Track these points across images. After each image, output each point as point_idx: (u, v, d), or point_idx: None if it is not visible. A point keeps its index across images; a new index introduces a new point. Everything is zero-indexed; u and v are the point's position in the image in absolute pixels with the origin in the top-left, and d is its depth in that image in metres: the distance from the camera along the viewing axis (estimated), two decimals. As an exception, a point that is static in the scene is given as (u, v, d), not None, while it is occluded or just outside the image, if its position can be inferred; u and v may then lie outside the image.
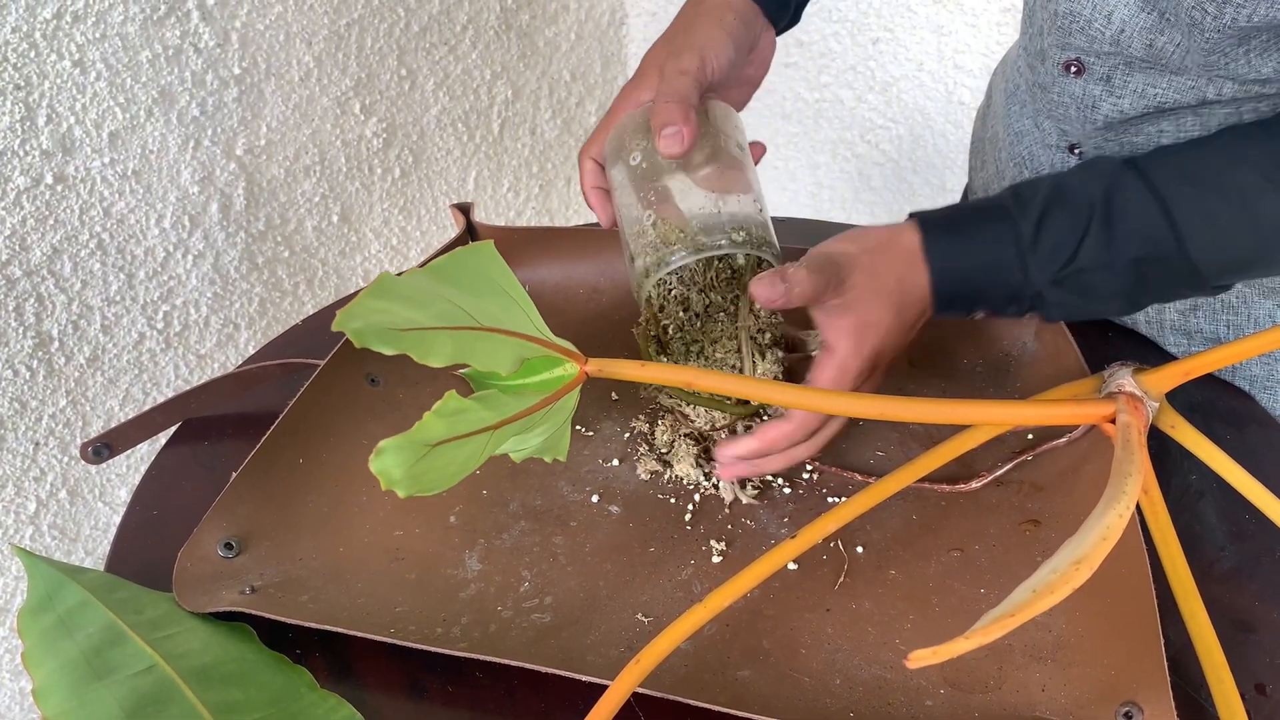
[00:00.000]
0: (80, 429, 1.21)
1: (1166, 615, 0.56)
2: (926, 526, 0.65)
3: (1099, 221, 0.63)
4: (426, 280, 0.46)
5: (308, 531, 0.64)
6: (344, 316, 0.42)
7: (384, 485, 0.44)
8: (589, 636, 0.58)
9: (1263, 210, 0.62)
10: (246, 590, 0.59)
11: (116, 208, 1.15)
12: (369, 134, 1.39)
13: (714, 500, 0.67)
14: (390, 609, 0.59)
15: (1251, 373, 0.79)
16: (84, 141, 1.10)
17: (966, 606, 0.61)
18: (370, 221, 1.44)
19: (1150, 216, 0.63)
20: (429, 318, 0.45)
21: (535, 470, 0.69)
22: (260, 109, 1.25)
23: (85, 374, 1.18)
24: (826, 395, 0.60)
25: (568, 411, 0.55)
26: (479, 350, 0.47)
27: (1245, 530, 0.66)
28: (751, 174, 0.68)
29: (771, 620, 0.60)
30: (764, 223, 0.66)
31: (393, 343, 0.43)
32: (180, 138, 1.18)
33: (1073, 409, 0.63)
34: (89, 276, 1.15)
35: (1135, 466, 0.55)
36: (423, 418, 0.44)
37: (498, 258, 0.51)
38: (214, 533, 0.62)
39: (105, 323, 1.18)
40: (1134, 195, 0.63)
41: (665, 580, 0.62)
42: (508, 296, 0.50)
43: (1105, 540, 0.49)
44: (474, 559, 0.63)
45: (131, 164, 1.15)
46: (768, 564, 0.57)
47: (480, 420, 0.46)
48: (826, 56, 1.54)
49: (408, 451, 0.44)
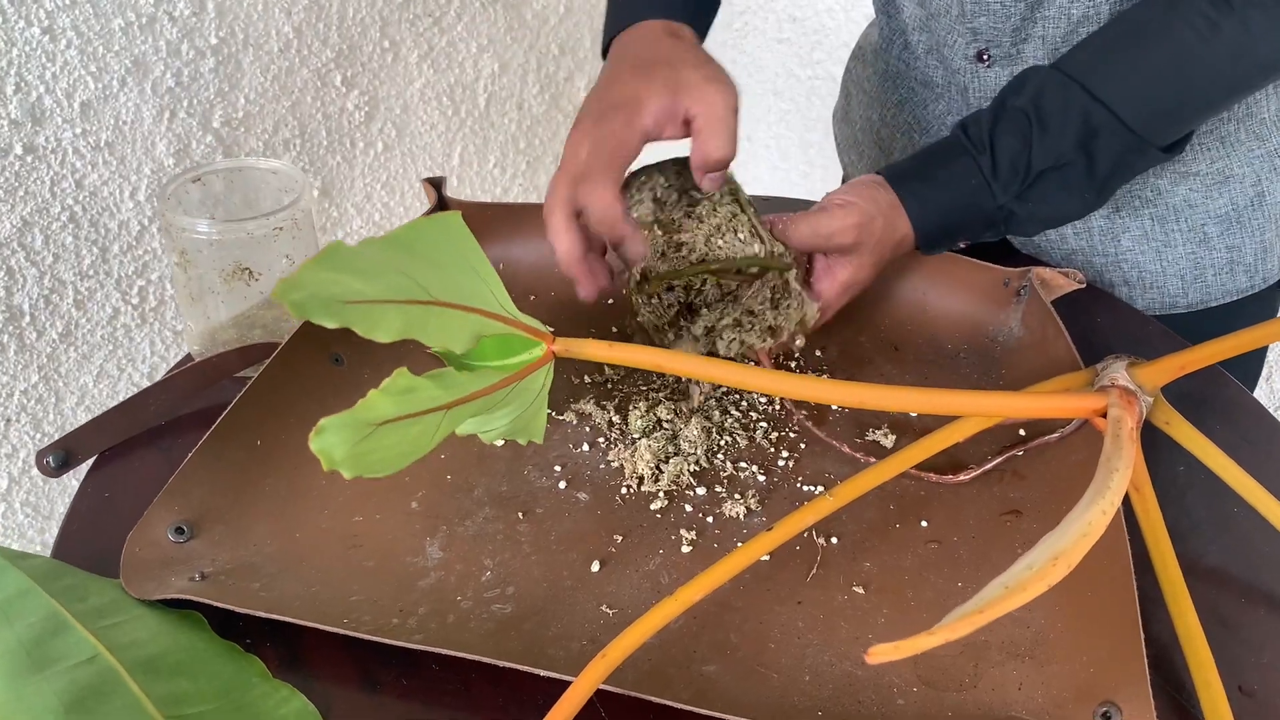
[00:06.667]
0: (54, 405, 1.19)
1: (1149, 612, 0.54)
2: (904, 517, 0.63)
3: (1036, 124, 0.70)
4: (382, 251, 0.44)
5: (264, 516, 0.62)
6: (284, 286, 0.39)
7: (325, 465, 0.42)
8: (551, 629, 0.56)
9: (1184, 54, 0.68)
10: (196, 577, 0.57)
11: (89, 179, 1.13)
12: (350, 107, 1.36)
13: (685, 489, 0.65)
14: (345, 598, 0.57)
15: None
16: (54, 111, 1.07)
17: (943, 600, 0.59)
18: (352, 196, 1.41)
19: (1074, 98, 0.69)
20: (378, 290, 0.42)
21: (503, 455, 0.67)
22: (238, 80, 1.22)
23: (58, 349, 1.15)
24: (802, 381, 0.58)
25: (535, 392, 0.53)
26: (431, 326, 0.45)
27: (1232, 523, 0.64)
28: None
29: (740, 613, 0.58)
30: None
31: (336, 315, 0.41)
32: (155, 109, 1.15)
33: (1063, 401, 0.61)
34: (61, 250, 1.13)
35: (1123, 462, 0.53)
36: (368, 395, 0.42)
37: (464, 230, 0.49)
38: (165, 516, 0.60)
39: (78, 297, 1.15)
40: (1055, 87, 0.70)
41: (632, 570, 0.60)
42: (471, 270, 0.48)
43: (1086, 537, 0.46)
44: (435, 546, 0.61)
45: (104, 135, 1.12)
46: (743, 557, 0.55)
47: (432, 399, 0.44)
48: (820, 33, 1.51)
49: (351, 430, 0.41)
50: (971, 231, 0.74)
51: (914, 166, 0.73)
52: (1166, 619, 0.55)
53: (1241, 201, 0.83)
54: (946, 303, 0.78)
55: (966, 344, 0.76)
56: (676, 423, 0.69)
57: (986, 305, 0.77)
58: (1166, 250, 0.84)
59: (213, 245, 0.67)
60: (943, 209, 0.72)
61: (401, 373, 0.43)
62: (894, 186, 0.72)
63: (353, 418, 0.42)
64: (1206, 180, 0.82)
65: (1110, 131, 0.69)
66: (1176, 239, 0.84)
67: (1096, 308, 0.81)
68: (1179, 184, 0.83)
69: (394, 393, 0.43)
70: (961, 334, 0.77)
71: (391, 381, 0.43)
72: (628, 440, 0.68)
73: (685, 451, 0.67)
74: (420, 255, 0.45)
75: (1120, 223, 0.85)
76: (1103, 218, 0.85)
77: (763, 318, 0.70)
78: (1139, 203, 0.84)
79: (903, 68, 0.94)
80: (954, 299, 0.78)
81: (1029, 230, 0.75)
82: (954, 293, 0.78)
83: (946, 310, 0.78)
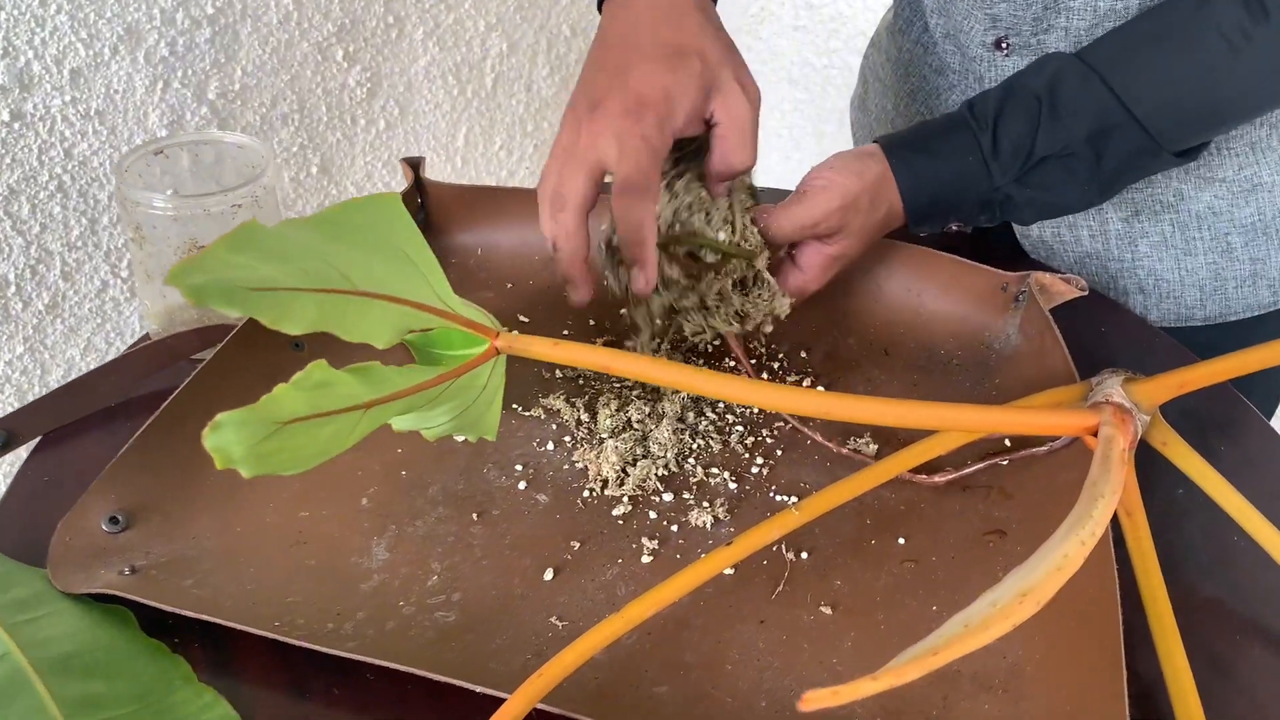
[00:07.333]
0: (39, 378, 1.17)
1: (1135, 647, 0.51)
2: (880, 532, 0.60)
3: (1047, 109, 0.66)
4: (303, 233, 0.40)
5: (205, 507, 0.59)
6: (182, 268, 0.36)
7: (219, 464, 0.38)
8: (495, 640, 0.53)
9: (1213, 63, 0.64)
10: (126, 570, 0.54)
11: (79, 149, 1.10)
12: (352, 83, 1.33)
13: (651, 494, 0.62)
14: (281, 598, 0.54)
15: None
16: (43, 78, 1.05)
17: (915, 625, 0.55)
18: (352, 175, 1.38)
19: (1092, 90, 0.66)
20: (292, 276, 0.39)
21: (463, 450, 0.64)
22: (235, 51, 1.20)
23: (44, 321, 1.13)
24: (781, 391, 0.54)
25: (479, 389, 0.50)
26: (350, 317, 0.41)
27: (1231, 554, 0.60)
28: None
29: (698, 630, 0.54)
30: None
31: (239, 303, 0.38)
32: (148, 78, 1.13)
33: (1051, 418, 0.57)
34: (48, 220, 1.10)
35: (1110, 488, 0.49)
36: (273, 390, 0.39)
37: (402, 213, 0.45)
38: (100, 504, 0.57)
39: (66, 269, 1.13)
40: (1074, 76, 0.66)
41: (587, 580, 0.57)
42: (404, 258, 0.44)
43: (1060, 571, 0.43)
44: (382, 547, 0.58)
45: (94, 103, 1.10)
46: (698, 572, 0.52)
47: (350, 396, 0.41)
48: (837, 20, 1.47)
49: (252, 428, 0.38)
50: (965, 212, 0.71)
51: (911, 136, 0.70)
52: (1154, 655, 0.51)
53: (1270, 211, 0.78)
54: (941, 305, 0.74)
55: (960, 350, 0.72)
56: (648, 424, 0.65)
57: (983, 310, 0.73)
58: (1186, 259, 0.80)
59: (168, 221, 0.65)
60: (936, 182, 0.68)
61: (318, 365, 0.40)
62: (887, 155, 0.69)
63: (256, 414, 0.38)
64: (1233, 187, 0.78)
65: (1124, 131, 0.66)
66: (1197, 247, 0.80)
67: (1101, 316, 0.77)
68: (1203, 189, 0.78)
69: (306, 388, 0.39)
70: (955, 339, 0.73)
71: (304, 375, 0.40)
72: (595, 440, 0.65)
73: (654, 454, 0.64)
74: (347, 239, 0.41)
75: (1139, 227, 0.80)
76: (1120, 221, 0.80)
77: (729, 303, 0.67)
78: (1159, 207, 0.79)
79: (920, 52, 0.90)
80: (949, 302, 0.74)
81: (1026, 218, 0.72)
82: (949, 295, 0.74)
83: (940, 313, 0.74)
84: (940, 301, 0.74)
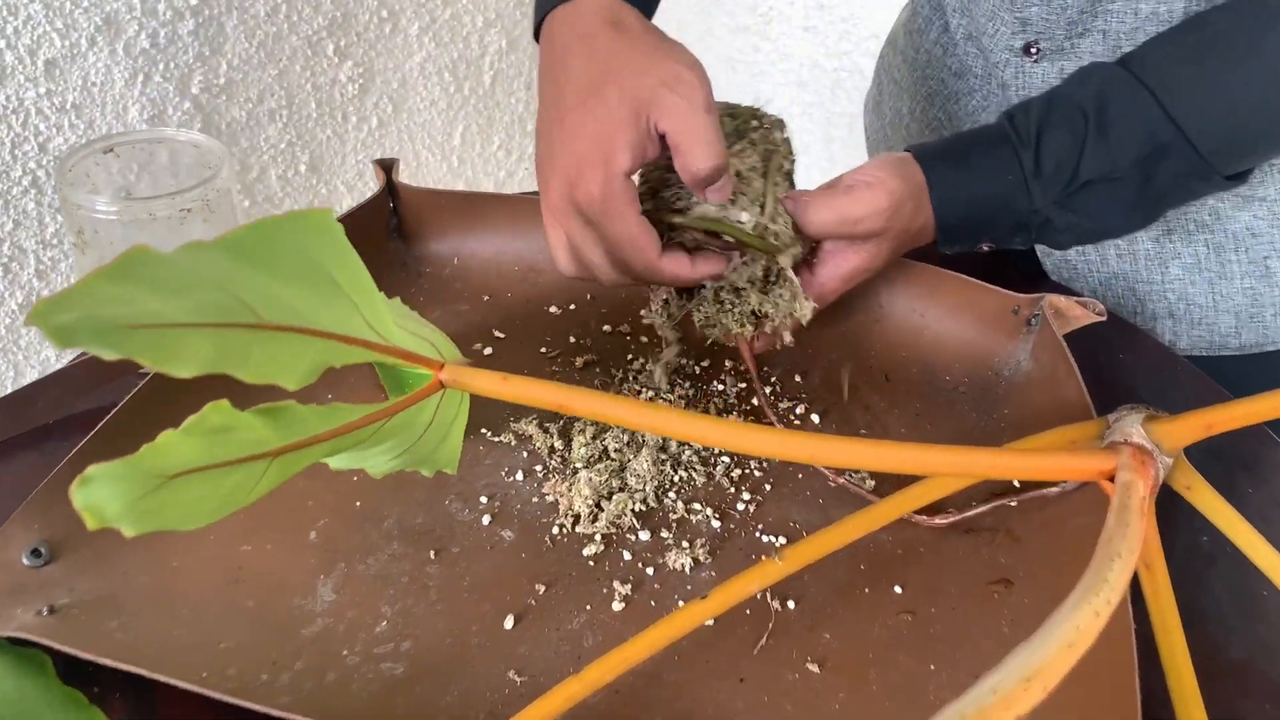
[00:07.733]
0: (13, 380, 1.13)
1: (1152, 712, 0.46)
2: (875, 580, 0.55)
3: (1094, 128, 0.61)
4: (209, 258, 0.35)
5: (139, 540, 0.53)
6: (48, 306, 0.31)
7: (90, 525, 0.34)
8: (445, 697, 0.48)
9: (1274, 79, 0.59)
10: (44, 610, 0.50)
11: (54, 143, 1.06)
12: (343, 78, 1.29)
13: (626, 532, 0.57)
14: (214, 644, 0.49)
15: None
16: (16, 69, 1.01)
17: (910, 685, 0.50)
18: (342, 173, 1.34)
19: (1143, 106, 0.60)
20: (185, 310, 0.34)
21: (423, 480, 0.59)
22: (220, 45, 1.15)
23: (17, 321, 1.09)
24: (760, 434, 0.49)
25: (424, 425, 0.45)
26: (255, 355, 0.36)
27: (1260, 609, 0.55)
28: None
29: (672, 688, 0.49)
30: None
31: (116, 343, 0.32)
32: (127, 70, 1.08)
33: (1063, 461, 0.52)
34: (21, 216, 1.06)
35: (1128, 546, 0.43)
36: (158, 438, 0.34)
37: (331, 231, 0.40)
38: (22, 535, 0.52)
39: (40, 268, 1.09)
40: (1124, 90, 0.61)
41: (551, 629, 0.52)
42: (332, 283, 0.39)
43: (1071, 648, 0.38)
44: (328, 587, 0.53)
45: (71, 96, 1.06)
46: (669, 628, 0.47)
47: (256, 443, 0.36)
48: (849, 21, 1.41)
49: (132, 483, 0.33)
50: (998, 232, 0.66)
51: (947, 147, 0.65)
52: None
53: None
54: (947, 327, 0.69)
55: (967, 377, 0.67)
56: (626, 453, 0.60)
57: (992, 333, 0.68)
58: (1221, 283, 0.75)
59: (112, 226, 0.60)
60: (971, 200, 0.63)
61: (215, 407, 0.35)
62: (922, 166, 0.64)
63: (137, 466, 0.34)
64: (1275, 207, 0.72)
65: (1175, 151, 0.61)
66: (1234, 270, 0.74)
67: (1121, 343, 0.72)
68: (1242, 209, 0.73)
69: (201, 433, 0.35)
70: (962, 365, 0.68)
71: (199, 419, 0.35)
72: (568, 470, 0.60)
73: (631, 487, 0.59)
74: (262, 264, 0.36)
75: (1170, 247, 0.75)
76: (1150, 240, 0.75)
77: (745, 299, 0.61)
78: (1194, 226, 0.74)
79: (939, 53, 0.84)
80: (956, 323, 0.69)
81: (1063, 243, 0.66)
82: (957, 316, 0.69)
83: (947, 336, 0.69)
84: (946, 324, 0.69)
